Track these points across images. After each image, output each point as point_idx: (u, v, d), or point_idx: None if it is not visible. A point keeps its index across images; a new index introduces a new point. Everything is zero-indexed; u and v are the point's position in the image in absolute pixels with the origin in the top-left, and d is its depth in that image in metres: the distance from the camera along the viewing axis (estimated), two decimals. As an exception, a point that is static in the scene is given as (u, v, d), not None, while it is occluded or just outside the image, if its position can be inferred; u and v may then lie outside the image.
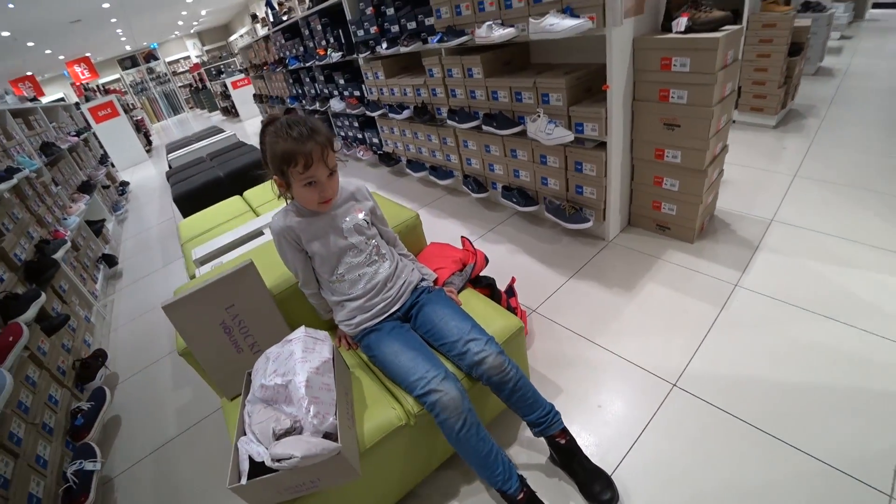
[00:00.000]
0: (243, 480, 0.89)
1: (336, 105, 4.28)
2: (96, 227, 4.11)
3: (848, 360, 1.54)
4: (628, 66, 2.10)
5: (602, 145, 2.21)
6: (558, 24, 1.88)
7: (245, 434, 1.00)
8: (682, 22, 1.97)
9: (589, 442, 1.40)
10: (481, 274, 1.67)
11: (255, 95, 7.50)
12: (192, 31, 16.27)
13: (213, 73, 12.74)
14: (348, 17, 3.49)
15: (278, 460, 0.85)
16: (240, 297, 1.25)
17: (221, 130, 5.75)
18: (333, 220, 1.31)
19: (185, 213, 3.34)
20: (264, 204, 2.52)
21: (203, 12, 12.38)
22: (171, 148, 5.58)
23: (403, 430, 1.15)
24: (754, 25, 3.33)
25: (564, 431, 1.26)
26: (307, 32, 4.29)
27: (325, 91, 4.54)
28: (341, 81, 4.18)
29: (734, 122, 3.71)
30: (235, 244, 1.96)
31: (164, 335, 2.60)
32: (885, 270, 1.91)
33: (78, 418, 1.96)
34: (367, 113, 3.84)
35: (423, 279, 1.45)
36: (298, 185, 1.20)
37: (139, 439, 1.93)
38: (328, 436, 0.94)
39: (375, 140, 4.19)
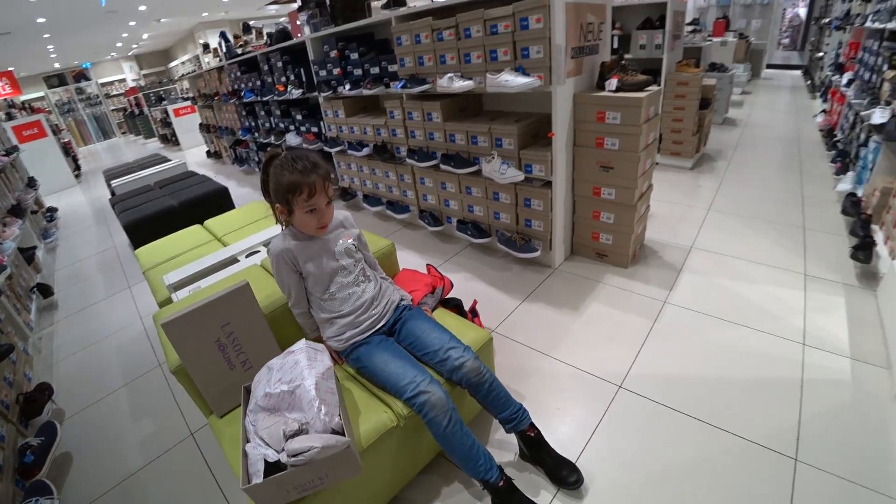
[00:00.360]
0: (259, 479, 0.99)
1: (292, 139, 4.39)
2: (27, 254, 3.90)
3: (754, 356, 1.92)
4: (570, 117, 2.43)
5: (548, 184, 2.50)
6: (512, 80, 2.17)
7: (249, 441, 1.09)
8: (613, 83, 2.33)
9: (553, 439, 1.59)
10: (449, 296, 1.86)
11: (201, 125, 7.40)
12: (129, 54, 15.70)
13: (153, 98, 12.31)
14: (311, 57, 3.67)
15: (295, 455, 0.97)
16: (235, 316, 1.34)
17: (166, 158, 5.64)
18: (326, 244, 1.46)
19: (137, 242, 3.29)
20: (230, 233, 2.58)
21: (145, 36, 12.08)
22: (112, 174, 5.39)
23: (395, 431, 1.29)
24: (671, 84, 3.88)
25: (533, 426, 1.46)
26: (266, 68, 4.40)
27: (282, 125, 4.64)
28: (299, 117, 4.30)
29: (657, 164, 4.22)
30: (211, 270, 2.02)
31: (115, 367, 2.54)
32: (777, 284, 2.37)
33: (27, 455, 1.88)
34: (325, 149, 3.97)
35: (402, 299, 1.62)
36: (301, 211, 1.35)
37: (97, 474, 1.86)
38: (335, 434, 1.06)
39: (332, 175, 4.31)
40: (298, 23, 3.86)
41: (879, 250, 2.37)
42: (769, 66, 10.38)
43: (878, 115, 2.76)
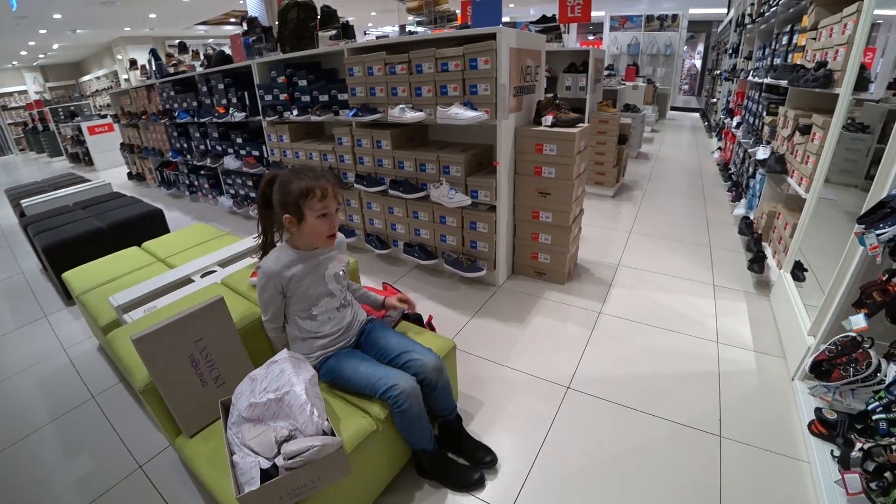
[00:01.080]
0: (254, 487, 1.02)
1: (231, 163, 4.31)
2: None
3: (678, 354, 2.23)
4: (511, 148, 2.67)
5: (493, 208, 2.71)
6: (462, 113, 2.37)
7: (235, 453, 1.12)
8: (549, 119, 2.61)
9: (513, 437, 1.77)
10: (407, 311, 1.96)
11: (123, 145, 6.98)
12: (34, 64, 14.40)
13: (63, 114, 11.34)
14: (256, 81, 3.68)
15: (292, 457, 1.01)
16: (209, 331, 1.35)
17: (83, 178, 5.27)
18: (318, 266, 1.49)
19: (58, 266, 3.06)
20: (175, 255, 2.52)
21: (55, 46, 11.20)
22: (18, 194, 4.92)
23: (375, 436, 1.36)
24: (594, 121, 4.32)
25: (459, 418, 1.65)
26: (205, 89, 4.32)
27: (219, 148, 4.54)
28: (239, 140, 4.25)
29: (585, 192, 4.63)
30: (164, 291, 1.97)
31: (38, 402, 2.32)
32: (692, 293, 2.77)
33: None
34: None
35: (367, 315, 1.71)
36: (313, 216, 1.37)
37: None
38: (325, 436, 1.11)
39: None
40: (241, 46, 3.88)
41: (769, 263, 2.86)
42: (673, 108, 11.77)
43: (762, 152, 3.27)
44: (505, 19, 11.02)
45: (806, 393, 1.89)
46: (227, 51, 4.58)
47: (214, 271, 2.16)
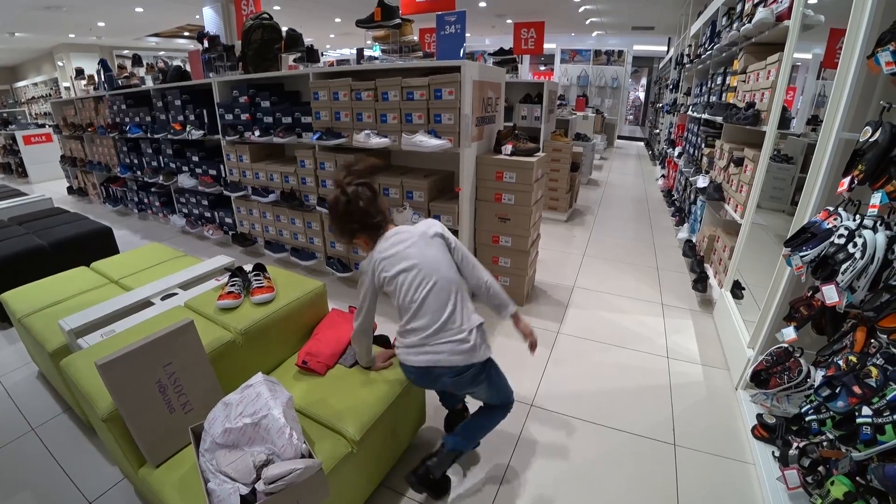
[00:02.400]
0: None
1: (185, 181, 4.19)
2: None
3: (633, 369, 2.38)
4: (473, 175, 2.78)
5: (455, 232, 2.79)
6: (426, 141, 2.46)
7: (209, 481, 1.11)
8: (508, 148, 2.74)
9: (483, 454, 1.84)
10: (377, 333, 1.99)
11: (63, 157, 6.61)
12: (-41, 67, 13.46)
13: (-7, 122, 10.57)
14: (216, 99, 3.63)
15: (274, 481, 1.01)
16: (178, 355, 1.32)
17: (19, 192, 4.95)
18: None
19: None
20: (129, 276, 2.42)
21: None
22: (-63, 206, 4.56)
23: (350, 457, 1.37)
24: (548, 149, 4.54)
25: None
26: (160, 104, 4.21)
27: (173, 165, 4.41)
28: (195, 158, 4.15)
29: (542, 217, 4.83)
30: (122, 314, 1.90)
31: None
32: (643, 312, 2.95)
33: None
34: (226, 192, 3.87)
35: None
36: None
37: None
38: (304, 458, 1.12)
39: (229, 220, 4.17)
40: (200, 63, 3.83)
41: (711, 282, 3.10)
42: (620, 137, 12.51)
43: (701, 181, 3.56)
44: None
45: (748, 401, 2.08)
46: (183, 65, 4.51)
47: (176, 294, 2.10)
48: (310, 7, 9.09)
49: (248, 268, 2.03)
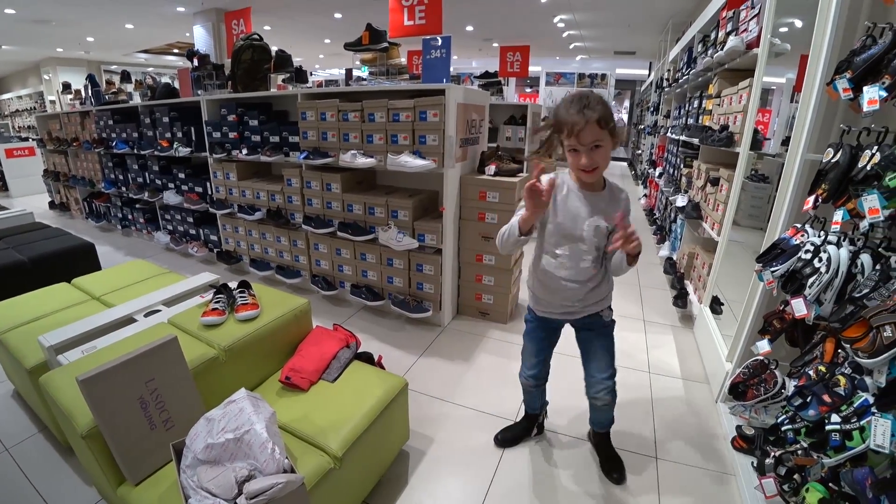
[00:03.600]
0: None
1: (171, 198, 4.19)
2: None
3: (617, 385, 2.31)
4: (457, 195, 2.83)
5: (438, 251, 2.83)
6: (411, 162, 2.52)
7: (190, 497, 1.11)
8: (492, 168, 2.81)
9: (466, 469, 1.86)
10: (360, 351, 2.01)
11: (47, 171, 6.55)
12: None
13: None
14: (205, 117, 3.67)
15: (256, 496, 1.02)
16: (161, 372, 1.32)
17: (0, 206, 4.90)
18: (587, 209, 1.48)
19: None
20: (112, 293, 2.41)
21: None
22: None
23: (333, 474, 1.37)
24: (531, 170, 4.62)
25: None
26: (148, 121, 4.22)
27: (159, 182, 4.41)
28: (182, 175, 4.16)
29: (524, 233, 4.91)
30: (104, 330, 1.89)
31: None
32: (626, 329, 3.01)
33: None
34: (212, 210, 3.87)
35: (607, 310, 1.72)
36: (566, 149, 1.42)
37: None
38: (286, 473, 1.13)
39: (214, 237, 4.17)
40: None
41: (691, 298, 3.18)
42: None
43: (680, 200, 3.66)
44: (449, 68, 11.61)
45: (727, 413, 2.13)
46: (172, 82, 4.54)
47: (159, 310, 2.10)
48: (300, 28, 9.24)
49: (232, 285, 2.04)
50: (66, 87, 7.06)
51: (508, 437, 1.97)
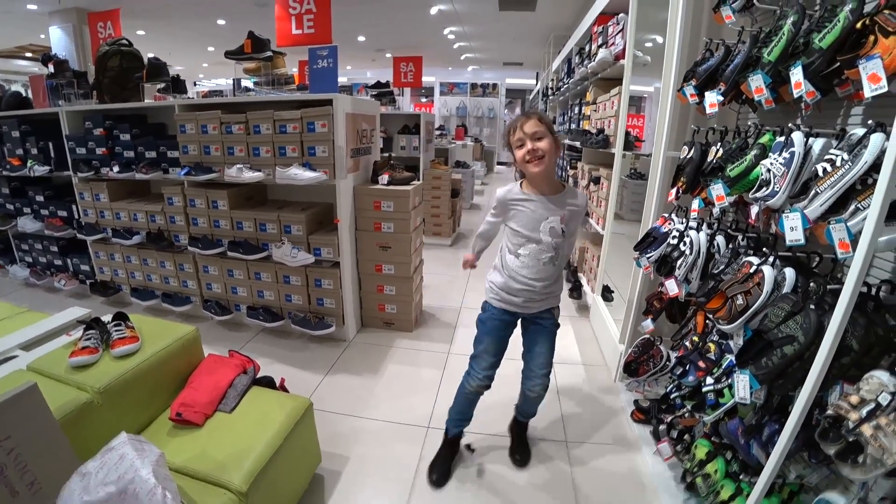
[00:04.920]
0: None
1: (28, 224, 3.64)
2: None
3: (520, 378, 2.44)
4: (351, 206, 2.82)
5: (336, 264, 2.78)
6: (301, 174, 2.46)
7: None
8: (385, 178, 2.84)
9: (385, 485, 1.83)
10: (259, 375, 1.90)
11: None
12: None
13: None
14: (65, 131, 3.26)
15: None
16: (19, 428, 1.11)
17: None
18: (538, 212, 1.63)
19: None
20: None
21: None
22: None
23: None
24: (428, 178, 4.76)
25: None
26: (-9, 138, 3.66)
27: (11, 207, 3.84)
28: (40, 198, 3.65)
29: (424, 243, 4.99)
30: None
31: None
32: None
33: None
34: (80, 236, 3.43)
35: (557, 310, 1.86)
36: (515, 150, 1.60)
37: None
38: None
39: (85, 267, 3.71)
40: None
41: (585, 289, 3.46)
42: (499, 163, 13.49)
43: (568, 201, 3.95)
44: (343, 80, 11.53)
45: (625, 390, 2.37)
46: (25, 91, 3.99)
47: (16, 356, 1.82)
48: (180, 34, 8.61)
49: (106, 318, 1.84)
50: None
51: (443, 472, 1.88)
